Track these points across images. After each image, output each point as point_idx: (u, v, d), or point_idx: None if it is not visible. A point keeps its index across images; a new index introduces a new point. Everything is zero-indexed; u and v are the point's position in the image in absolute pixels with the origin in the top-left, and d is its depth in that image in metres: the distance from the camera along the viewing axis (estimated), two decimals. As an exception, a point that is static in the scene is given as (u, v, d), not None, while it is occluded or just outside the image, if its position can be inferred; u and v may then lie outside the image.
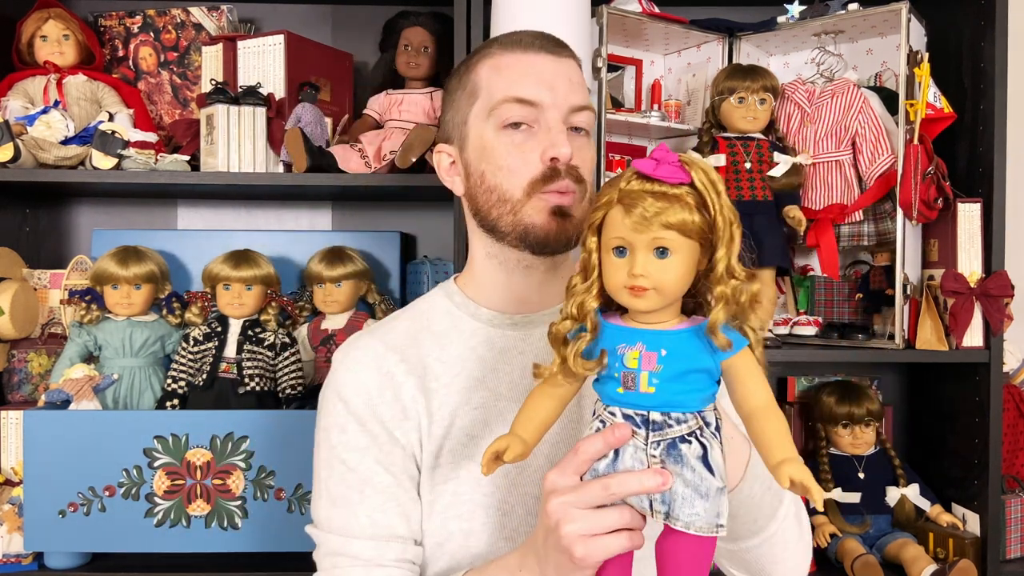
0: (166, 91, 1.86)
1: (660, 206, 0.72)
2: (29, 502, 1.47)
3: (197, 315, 1.67)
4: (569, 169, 0.97)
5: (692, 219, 0.72)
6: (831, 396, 1.75)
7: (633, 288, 0.73)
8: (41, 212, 1.90)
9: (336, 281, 1.70)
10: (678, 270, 0.73)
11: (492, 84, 0.99)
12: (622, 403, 0.76)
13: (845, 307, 1.82)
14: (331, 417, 1.02)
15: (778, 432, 0.72)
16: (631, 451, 0.75)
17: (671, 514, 0.75)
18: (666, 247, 0.73)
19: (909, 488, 1.68)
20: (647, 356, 0.74)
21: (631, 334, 0.75)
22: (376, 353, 1.02)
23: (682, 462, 0.74)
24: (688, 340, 0.74)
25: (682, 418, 0.74)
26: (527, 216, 0.97)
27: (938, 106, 1.58)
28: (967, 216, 1.63)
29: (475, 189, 1.01)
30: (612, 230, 0.75)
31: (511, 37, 1.01)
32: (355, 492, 0.99)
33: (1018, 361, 1.79)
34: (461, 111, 1.02)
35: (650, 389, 0.73)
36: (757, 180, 1.67)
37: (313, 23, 1.93)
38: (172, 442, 1.48)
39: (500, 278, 1.04)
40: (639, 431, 0.75)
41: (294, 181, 1.61)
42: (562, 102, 0.97)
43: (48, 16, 1.73)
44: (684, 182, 0.73)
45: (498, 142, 0.98)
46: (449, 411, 1.00)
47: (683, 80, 1.89)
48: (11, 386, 1.75)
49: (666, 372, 0.73)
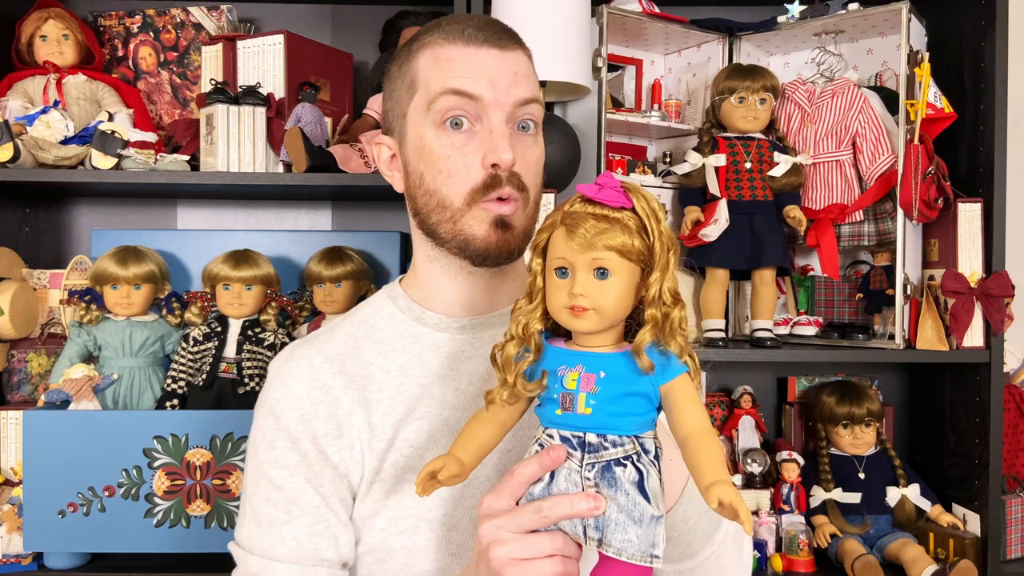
0: (166, 91, 1.86)
1: (601, 227, 0.74)
2: (29, 502, 1.47)
3: (197, 315, 1.67)
4: (511, 176, 0.92)
5: (632, 242, 0.74)
6: (831, 396, 1.75)
7: (573, 308, 0.74)
8: (41, 212, 1.90)
9: (336, 281, 1.69)
10: (617, 291, 0.74)
11: (431, 77, 0.93)
12: (560, 425, 0.77)
13: (845, 307, 1.82)
14: (260, 432, 0.97)
15: (710, 455, 0.72)
16: (565, 474, 0.76)
17: (604, 540, 0.74)
18: (606, 268, 0.74)
19: (909, 488, 1.68)
20: (586, 377, 0.75)
21: (572, 356, 0.77)
22: (312, 365, 0.97)
23: (616, 486, 0.74)
24: (626, 363, 0.75)
25: (618, 441, 0.75)
26: (467, 226, 0.93)
27: (938, 106, 1.58)
28: (967, 216, 1.63)
29: (414, 190, 0.96)
30: (555, 251, 0.76)
31: (454, 26, 0.95)
32: (281, 512, 0.94)
33: (1018, 361, 1.80)
34: (401, 103, 0.97)
35: (587, 410, 0.74)
36: (757, 180, 1.67)
37: (313, 23, 1.93)
38: (172, 442, 1.47)
39: (444, 282, 1.00)
40: (574, 453, 0.76)
41: (294, 181, 1.61)
42: (505, 98, 0.92)
43: (48, 16, 1.73)
44: (625, 207, 0.75)
45: (438, 143, 0.93)
46: (392, 423, 0.95)
47: (683, 80, 1.89)
48: (11, 386, 1.75)
49: (603, 394, 0.74)
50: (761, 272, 1.67)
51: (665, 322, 0.74)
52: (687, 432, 0.74)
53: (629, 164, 1.75)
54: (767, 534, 1.64)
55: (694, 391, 0.76)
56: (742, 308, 1.84)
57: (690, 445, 0.73)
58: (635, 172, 1.74)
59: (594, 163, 1.63)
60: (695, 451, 0.73)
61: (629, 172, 1.73)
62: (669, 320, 0.74)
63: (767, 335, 1.67)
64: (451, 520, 0.94)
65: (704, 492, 0.70)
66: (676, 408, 0.75)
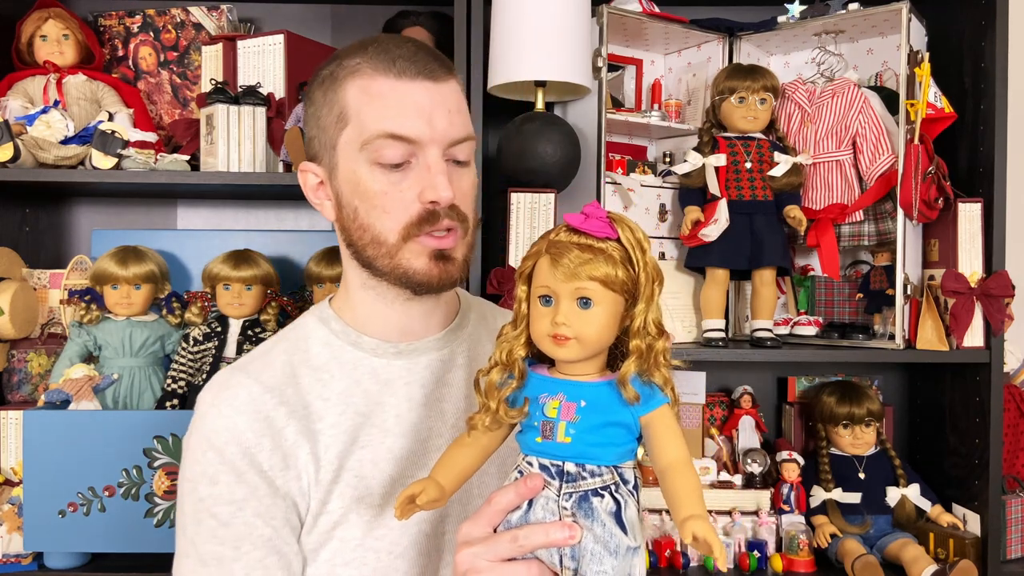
0: (166, 91, 1.86)
1: (585, 257, 0.74)
2: (29, 502, 1.47)
3: (197, 315, 1.67)
4: (449, 209, 0.91)
5: (615, 273, 0.74)
6: (831, 396, 1.75)
7: (555, 336, 0.75)
8: (41, 212, 1.90)
9: (336, 281, 1.69)
10: (600, 321, 0.75)
11: (363, 113, 0.90)
12: (539, 453, 0.77)
13: (845, 307, 1.82)
14: (199, 466, 0.91)
15: (688, 489, 0.73)
16: (543, 502, 0.76)
17: (579, 570, 0.75)
18: (589, 298, 0.74)
19: (909, 488, 1.68)
20: (567, 406, 0.75)
21: (554, 384, 0.77)
22: (252, 395, 0.92)
23: (593, 516, 0.75)
24: (608, 393, 0.76)
25: (596, 471, 0.75)
26: (405, 260, 0.92)
27: (938, 106, 1.58)
28: (968, 216, 1.63)
29: (347, 223, 0.94)
30: (539, 279, 0.77)
31: (383, 55, 0.91)
32: (230, 549, 0.90)
33: (1018, 361, 1.79)
34: (328, 133, 0.93)
35: (566, 439, 0.75)
36: (757, 180, 1.67)
37: (313, 23, 1.93)
38: (172, 442, 1.47)
39: (379, 308, 0.98)
40: (553, 482, 0.76)
41: (294, 181, 1.60)
42: (441, 137, 0.90)
43: (48, 16, 1.73)
44: (610, 237, 0.75)
45: (373, 180, 0.90)
46: (336, 453, 0.93)
47: (683, 80, 1.89)
48: (11, 386, 1.75)
49: (583, 423, 0.75)
50: (761, 272, 1.67)
51: (650, 353, 0.75)
52: (666, 463, 0.74)
53: (629, 164, 1.75)
54: (767, 534, 1.64)
55: (675, 422, 0.76)
56: (742, 308, 1.84)
57: (668, 477, 0.74)
58: (635, 172, 1.74)
59: (594, 163, 1.63)
60: (673, 483, 0.73)
61: (629, 172, 1.73)
62: (654, 351, 0.75)
63: (767, 335, 1.67)
64: (397, 548, 0.93)
65: (680, 525, 0.71)
66: (656, 439, 0.75)
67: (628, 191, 1.69)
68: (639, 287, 0.75)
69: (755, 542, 1.63)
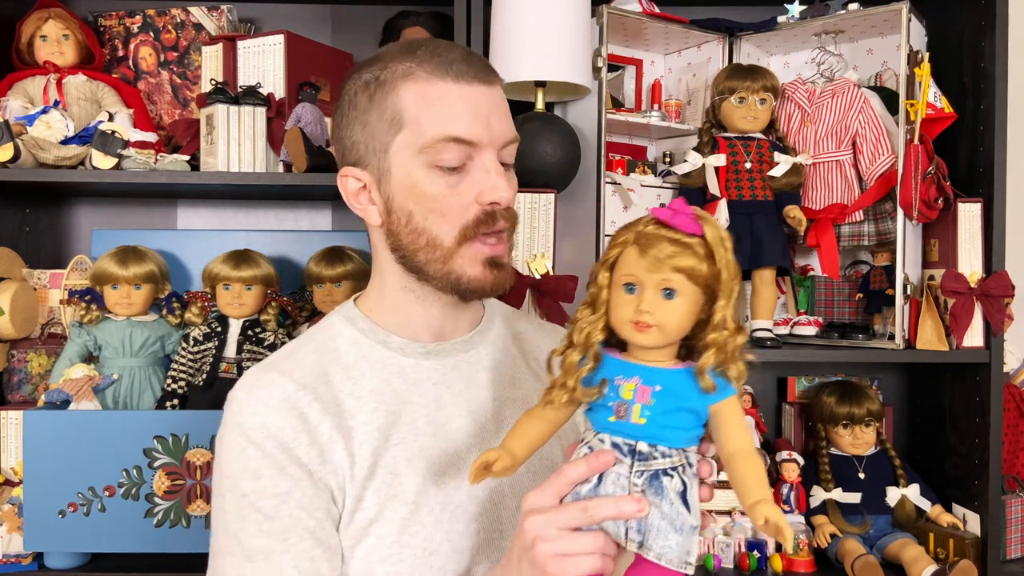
0: (166, 91, 1.86)
1: (673, 250, 0.78)
2: (29, 502, 1.47)
3: (197, 315, 1.67)
4: (504, 211, 0.93)
5: (700, 267, 0.78)
6: (831, 396, 1.75)
7: (638, 323, 0.78)
8: (41, 212, 1.90)
9: (336, 281, 1.69)
10: (681, 311, 0.78)
11: (422, 117, 0.91)
12: (612, 431, 0.80)
13: (845, 307, 1.82)
14: (239, 462, 0.92)
15: (756, 475, 0.77)
16: (613, 478, 0.79)
17: (644, 544, 0.78)
18: (673, 289, 0.78)
19: (909, 488, 1.68)
20: (642, 389, 0.79)
21: (630, 368, 0.80)
22: (286, 392, 0.93)
23: (662, 494, 0.78)
24: (682, 380, 0.79)
25: (667, 452, 0.79)
26: (459, 267, 0.93)
27: (938, 106, 1.59)
28: (967, 216, 1.63)
29: (398, 227, 0.94)
30: (625, 268, 0.80)
31: (436, 58, 0.92)
32: (277, 542, 0.90)
33: (1018, 361, 1.80)
34: (379, 137, 0.93)
35: (641, 420, 0.78)
36: (757, 180, 1.67)
37: (313, 23, 1.93)
38: (172, 442, 1.47)
39: (415, 309, 0.99)
40: (624, 460, 0.79)
41: (294, 181, 1.61)
42: (497, 138, 0.93)
43: (48, 16, 1.73)
44: (697, 233, 0.79)
45: (431, 183, 0.91)
46: (371, 450, 0.94)
47: (683, 80, 1.89)
48: (11, 386, 1.75)
49: (658, 406, 0.78)
50: (761, 272, 1.67)
51: (727, 347, 0.78)
52: (733, 450, 0.78)
53: (629, 164, 1.75)
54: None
55: (741, 412, 0.80)
56: (742, 308, 1.84)
57: (736, 463, 0.78)
58: (635, 172, 1.74)
59: (594, 163, 1.63)
60: (741, 469, 0.77)
61: (629, 172, 1.73)
62: (732, 346, 0.78)
63: (767, 335, 1.67)
64: (431, 544, 0.94)
65: (750, 509, 0.75)
66: (724, 427, 0.79)
67: (628, 191, 1.69)
68: (719, 283, 0.79)
69: (755, 542, 1.63)
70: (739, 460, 0.77)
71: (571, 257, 1.67)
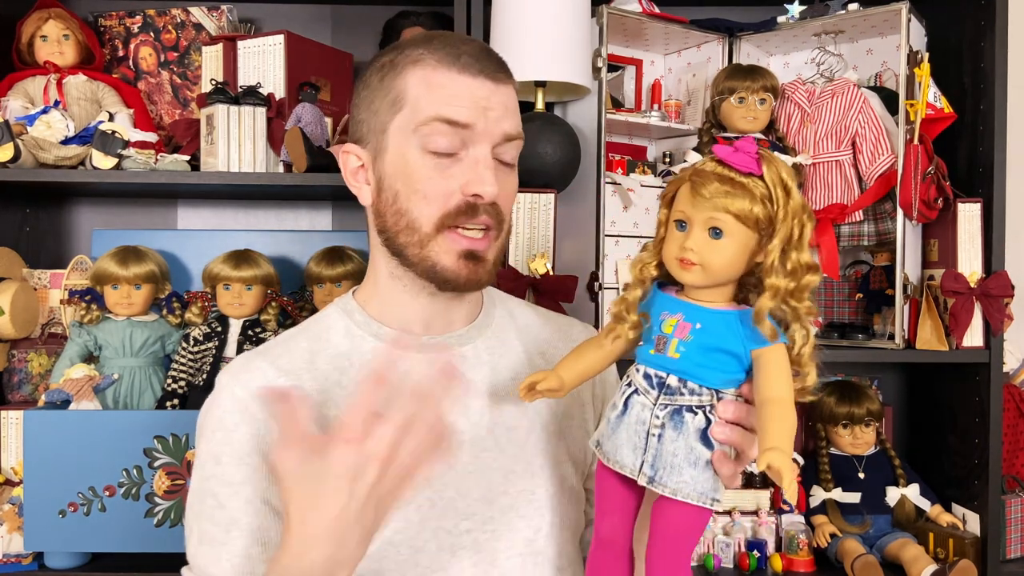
0: (166, 91, 1.86)
1: (724, 190, 0.77)
2: (29, 502, 1.47)
3: (197, 315, 1.67)
4: (489, 206, 0.92)
5: (751, 208, 0.77)
6: (831, 396, 1.75)
7: (683, 260, 0.79)
8: (41, 212, 1.90)
9: (336, 281, 1.69)
10: (727, 252, 0.78)
11: (421, 99, 0.92)
12: (648, 363, 0.81)
13: (845, 307, 1.82)
14: (208, 444, 0.93)
15: (780, 424, 0.76)
16: (638, 408, 0.80)
17: (656, 480, 0.78)
18: (720, 228, 0.77)
19: (909, 488, 1.68)
20: (683, 326, 0.79)
21: (676, 304, 0.81)
22: (267, 378, 0.94)
23: (681, 429, 0.78)
24: (724, 321, 0.79)
25: (696, 390, 0.79)
26: (434, 254, 0.93)
27: (938, 106, 1.59)
28: (967, 216, 1.63)
29: (384, 207, 0.95)
30: (678, 204, 0.81)
31: (449, 49, 0.93)
32: (221, 531, 0.91)
33: (1018, 361, 1.80)
34: (380, 116, 0.95)
35: (675, 355, 0.79)
36: (757, 180, 1.67)
37: (313, 23, 1.93)
38: (172, 442, 1.48)
39: (404, 299, 0.99)
40: (651, 391, 0.80)
41: (294, 181, 1.61)
42: (494, 128, 0.92)
43: (48, 16, 1.72)
44: (754, 173, 0.77)
45: (421, 163, 0.92)
46: None
47: (683, 80, 1.89)
48: (11, 386, 1.75)
49: (694, 343, 0.78)
50: (761, 272, 1.67)
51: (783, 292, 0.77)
52: (767, 396, 0.77)
53: (629, 164, 1.75)
54: (767, 534, 1.64)
55: (785, 362, 0.78)
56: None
57: (767, 409, 0.76)
58: (635, 172, 1.74)
59: (594, 163, 1.63)
60: (769, 415, 0.76)
61: (629, 172, 1.73)
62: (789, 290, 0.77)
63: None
64: (416, 542, 0.93)
65: (762, 453, 0.74)
66: (764, 373, 0.78)
67: (628, 191, 1.69)
68: (775, 225, 0.77)
69: (755, 542, 1.63)
70: (770, 407, 0.76)
71: (571, 257, 1.67)
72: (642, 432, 0.79)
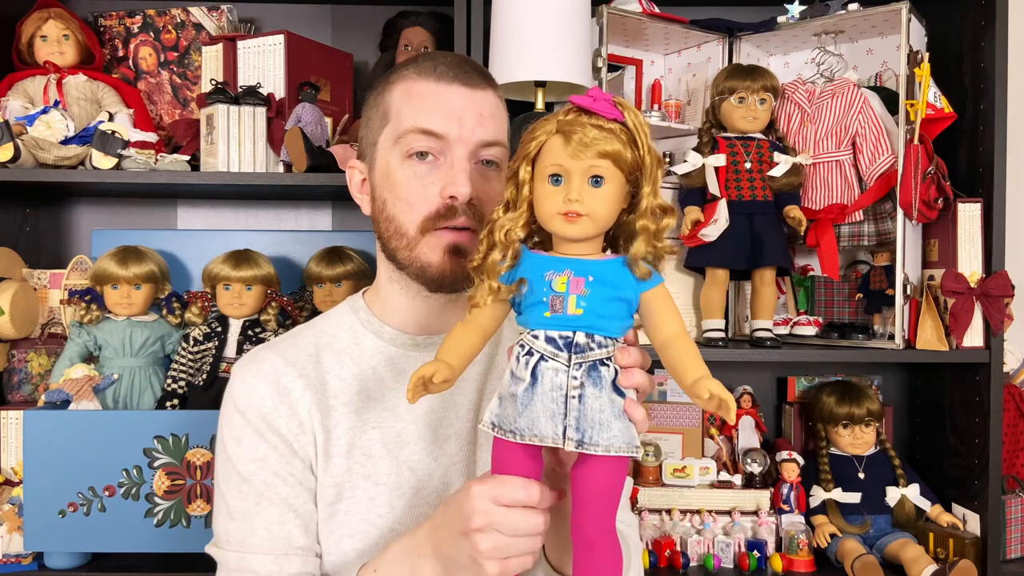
0: (166, 91, 1.86)
1: (599, 135, 0.77)
2: (29, 502, 1.47)
3: (197, 315, 1.67)
4: (468, 207, 0.96)
5: (625, 152, 0.77)
6: (831, 396, 1.75)
7: (567, 214, 0.78)
8: (41, 212, 1.90)
9: (336, 280, 1.69)
10: (609, 199, 0.78)
11: (402, 111, 0.98)
12: (548, 326, 0.79)
13: (845, 307, 1.82)
14: (227, 429, 1.02)
15: (691, 355, 0.77)
16: (551, 374, 0.78)
17: (586, 440, 0.77)
18: (601, 176, 0.77)
19: (909, 488, 1.68)
20: (575, 280, 0.78)
21: (559, 263, 0.80)
22: (274, 367, 1.02)
23: (600, 384, 0.78)
24: (614, 269, 0.79)
25: (603, 342, 0.79)
26: (422, 254, 0.98)
27: (938, 106, 1.59)
28: (967, 216, 1.63)
29: (377, 215, 1.02)
30: (549, 158, 0.79)
31: (428, 63, 1.00)
32: (252, 504, 0.98)
33: (1018, 361, 1.79)
34: (373, 131, 1.03)
35: (578, 311, 0.78)
36: (757, 180, 1.67)
37: (313, 23, 1.93)
38: (172, 442, 1.48)
39: (402, 300, 1.05)
40: (561, 353, 0.78)
41: (294, 181, 1.61)
42: (469, 136, 0.97)
43: (48, 16, 1.73)
44: (618, 119, 0.78)
45: (401, 172, 0.98)
46: (346, 429, 1.00)
47: (683, 80, 1.89)
48: (11, 386, 1.75)
49: (593, 296, 0.78)
50: (761, 272, 1.67)
51: (656, 233, 0.79)
52: (668, 335, 0.79)
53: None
54: (767, 534, 1.64)
55: (669, 299, 0.80)
56: (742, 308, 1.84)
57: (672, 347, 0.78)
58: (635, 172, 1.74)
59: (594, 163, 1.63)
60: (677, 351, 0.78)
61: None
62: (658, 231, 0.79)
63: (767, 335, 1.67)
64: (400, 526, 0.99)
65: (691, 388, 0.75)
66: (656, 313, 0.79)
67: (628, 191, 1.69)
68: (644, 169, 0.78)
69: (755, 542, 1.63)
70: (674, 343, 0.78)
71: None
72: (559, 398, 0.78)
